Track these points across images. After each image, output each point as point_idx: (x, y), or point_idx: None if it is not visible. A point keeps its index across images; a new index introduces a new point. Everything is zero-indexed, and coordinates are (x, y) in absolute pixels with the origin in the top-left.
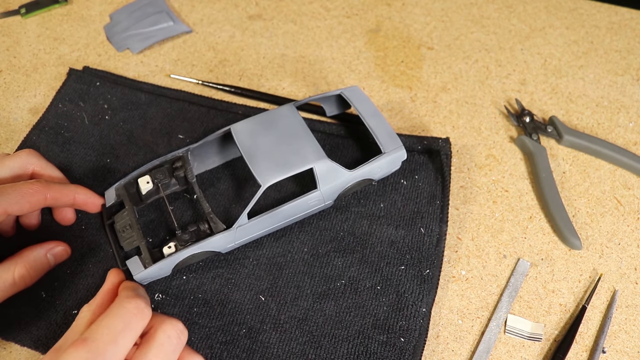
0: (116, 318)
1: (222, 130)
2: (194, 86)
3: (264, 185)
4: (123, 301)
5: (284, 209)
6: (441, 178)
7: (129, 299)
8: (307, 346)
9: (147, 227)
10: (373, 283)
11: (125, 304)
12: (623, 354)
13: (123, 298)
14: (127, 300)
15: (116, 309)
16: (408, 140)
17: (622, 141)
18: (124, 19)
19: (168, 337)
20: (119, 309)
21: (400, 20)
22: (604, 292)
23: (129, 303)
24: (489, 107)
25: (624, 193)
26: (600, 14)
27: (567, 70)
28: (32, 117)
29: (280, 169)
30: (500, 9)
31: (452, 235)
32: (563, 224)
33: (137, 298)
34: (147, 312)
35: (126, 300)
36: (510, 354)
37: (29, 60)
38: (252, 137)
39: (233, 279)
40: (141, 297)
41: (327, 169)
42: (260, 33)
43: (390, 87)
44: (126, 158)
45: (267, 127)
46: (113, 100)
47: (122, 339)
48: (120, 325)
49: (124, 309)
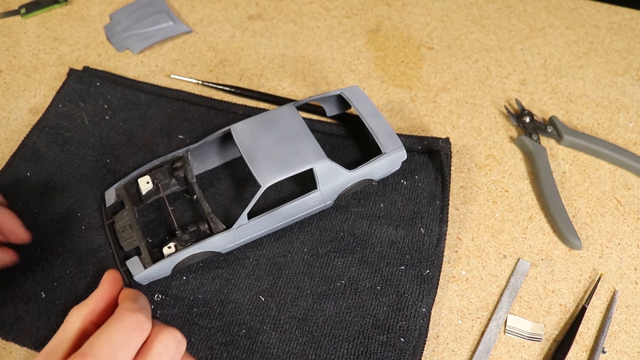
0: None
1: (222, 131)
2: (194, 86)
3: (264, 186)
4: (124, 314)
5: (284, 209)
6: (441, 178)
7: (130, 312)
8: (307, 346)
9: (147, 227)
10: (373, 283)
11: (127, 318)
12: (623, 354)
13: (124, 311)
14: (128, 314)
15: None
16: (408, 140)
17: (622, 141)
18: (124, 19)
19: (165, 347)
20: (120, 323)
21: (400, 20)
22: (604, 292)
23: (129, 317)
24: (489, 107)
25: (624, 193)
26: (600, 14)
27: (567, 70)
28: (32, 117)
29: (280, 169)
30: (500, 9)
31: (452, 235)
32: (563, 224)
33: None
34: (147, 327)
35: (127, 313)
36: (510, 354)
37: (29, 60)
38: (252, 137)
39: (233, 279)
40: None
41: (327, 169)
42: (260, 33)
43: (390, 87)
44: (126, 158)
45: (267, 127)
46: (113, 100)
47: (122, 354)
48: (121, 340)
49: (125, 322)
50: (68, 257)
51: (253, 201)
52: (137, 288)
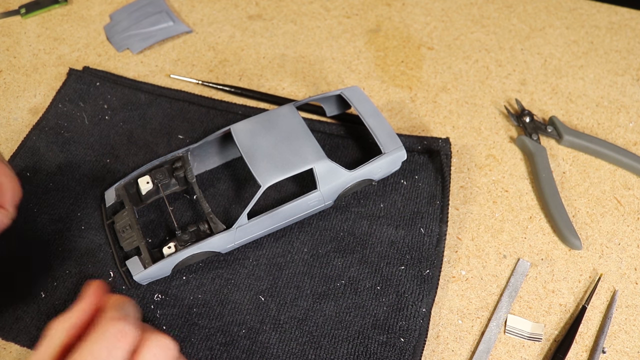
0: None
1: (222, 131)
2: (194, 86)
3: (263, 186)
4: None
5: (284, 209)
6: (441, 178)
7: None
8: (307, 346)
9: (147, 228)
10: (373, 283)
11: (110, 328)
12: (623, 354)
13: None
14: (111, 324)
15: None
16: (408, 140)
17: (622, 141)
18: (124, 19)
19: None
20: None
21: (400, 20)
22: (604, 292)
23: (112, 327)
24: (489, 107)
25: (624, 193)
26: (600, 14)
27: (567, 70)
28: (32, 117)
29: (280, 169)
30: (500, 9)
31: (452, 235)
32: (563, 224)
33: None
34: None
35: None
36: (510, 354)
37: (29, 60)
38: (252, 138)
39: (233, 279)
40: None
41: (327, 169)
42: (260, 33)
43: (390, 87)
44: (126, 158)
45: (267, 127)
46: (113, 100)
47: None
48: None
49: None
50: (68, 257)
51: (253, 201)
52: (137, 288)
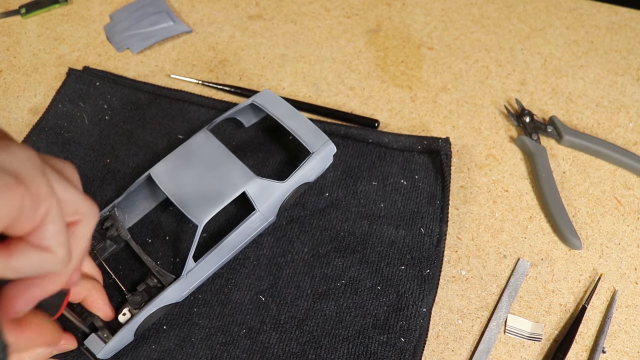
0: None
1: (143, 177)
2: (194, 86)
3: (200, 225)
4: None
5: (228, 240)
6: (441, 178)
7: None
8: (307, 346)
9: None
10: (373, 283)
11: None
12: (623, 354)
13: None
14: None
15: None
16: (408, 140)
17: (622, 141)
18: (124, 19)
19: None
20: None
21: (400, 20)
22: (604, 292)
23: None
24: (489, 107)
25: (624, 193)
26: (600, 14)
27: (567, 70)
28: (32, 117)
29: (213, 203)
30: (500, 9)
31: (452, 235)
32: (563, 224)
33: None
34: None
35: None
36: (510, 354)
37: (29, 60)
38: (174, 177)
39: (233, 279)
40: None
41: (260, 187)
42: (260, 33)
43: (390, 87)
44: (126, 158)
45: (186, 161)
46: (113, 100)
47: None
48: None
49: None
50: None
51: (194, 243)
52: None
